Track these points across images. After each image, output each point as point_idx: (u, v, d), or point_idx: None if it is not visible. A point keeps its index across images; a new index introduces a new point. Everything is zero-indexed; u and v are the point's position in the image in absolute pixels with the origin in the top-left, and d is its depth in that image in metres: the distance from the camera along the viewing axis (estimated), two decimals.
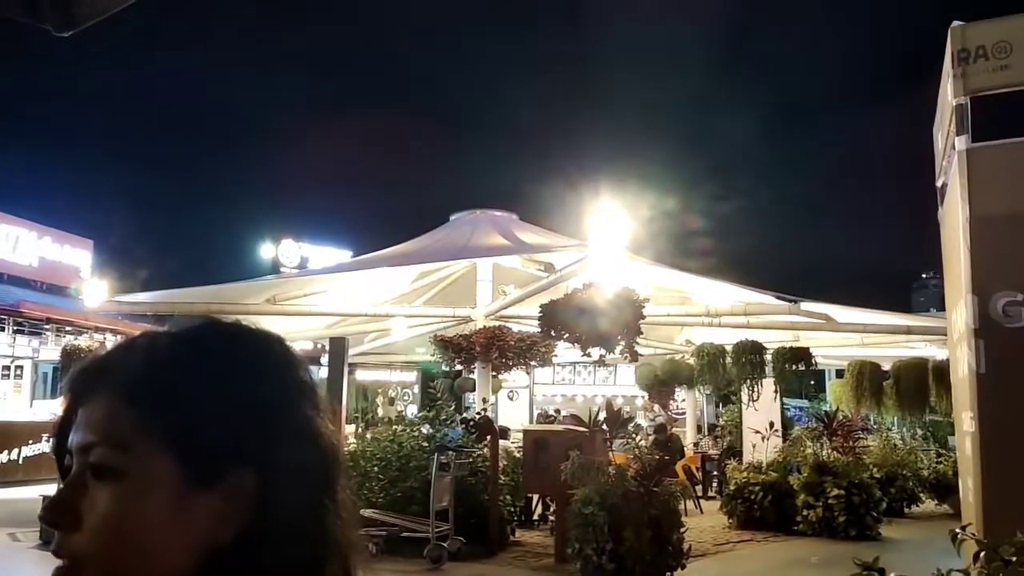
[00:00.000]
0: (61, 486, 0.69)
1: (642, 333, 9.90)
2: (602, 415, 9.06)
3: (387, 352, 19.08)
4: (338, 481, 0.74)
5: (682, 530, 7.24)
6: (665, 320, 13.54)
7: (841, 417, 12.56)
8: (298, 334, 15.57)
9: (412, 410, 20.95)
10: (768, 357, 12.44)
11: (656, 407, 19.02)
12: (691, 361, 14.41)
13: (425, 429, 10.14)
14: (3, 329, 15.58)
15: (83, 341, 13.12)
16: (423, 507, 8.35)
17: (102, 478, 0.66)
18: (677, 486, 8.67)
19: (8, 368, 17.02)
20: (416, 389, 24.11)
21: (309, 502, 0.70)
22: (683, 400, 18.99)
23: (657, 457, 8.21)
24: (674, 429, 15.53)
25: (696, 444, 15.96)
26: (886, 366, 13.93)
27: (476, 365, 13.03)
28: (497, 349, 12.60)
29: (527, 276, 13.42)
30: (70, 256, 19.62)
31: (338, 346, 10.38)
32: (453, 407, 11.38)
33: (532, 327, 11.28)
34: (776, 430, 12.57)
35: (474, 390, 14.08)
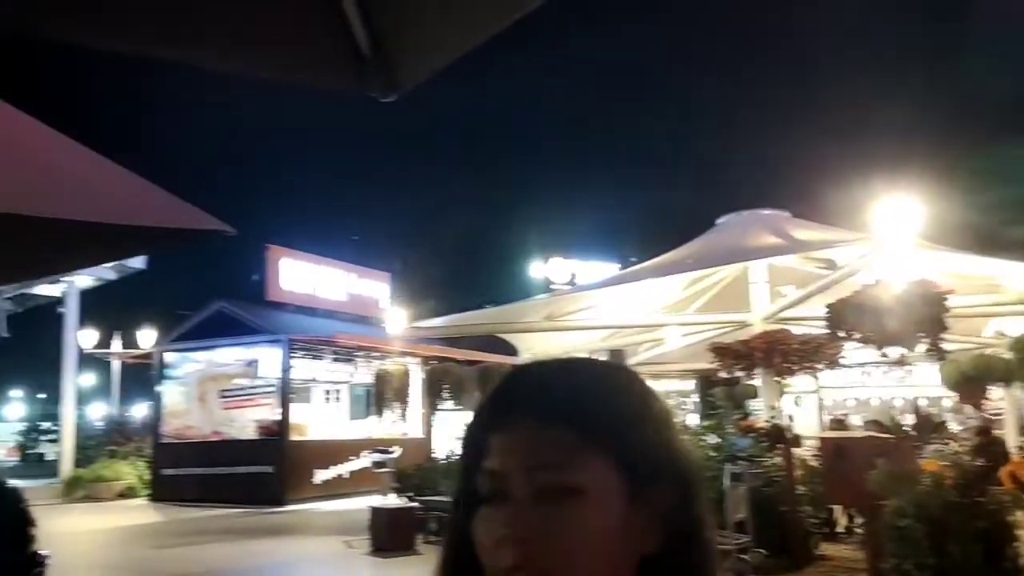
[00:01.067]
0: (511, 509, 0.74)
1: (948, 328, 9.03)
2: (908, 420, 8.38)
3: (663, 361, 19.04)
4: (705, 493, 0.82)
5: (1016, 544, 6.47)
6: (971, 312, 12.18)
7: None
8: (576, 348, 16.07)
9: (692, 420, 20.66)
10: None
11: (967, 408, 17.10)
12: (1007, 355, 12.86)
13: (711, 439, 9.98)
14: (324, 358, 17.78)
15: (390, 365, 14.58)
16: (719, 518, 8.23)
17: (559, 497, 0.72)
18: (1007, 495, 7.76)
19: (328, 392, 19.39)
20: (696, 397, 23.75)
21: (701, 512, 0.79)
22: (1000, 399, 16.91)
23: (979, 464, 7.44)
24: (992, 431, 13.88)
25: (1022, 447, 14.11)
26: None
27: (757, 371, 12.60)
28: (779, 353, 12.09)
29: (806, 275, 12.76)
30: (371, 289, 21.99)
31: (617, 358, 10.63)
32: (739, 416, 11.07)
33: (816, 328, 10.70)
34: None
35: (755, 396, 13.62)
